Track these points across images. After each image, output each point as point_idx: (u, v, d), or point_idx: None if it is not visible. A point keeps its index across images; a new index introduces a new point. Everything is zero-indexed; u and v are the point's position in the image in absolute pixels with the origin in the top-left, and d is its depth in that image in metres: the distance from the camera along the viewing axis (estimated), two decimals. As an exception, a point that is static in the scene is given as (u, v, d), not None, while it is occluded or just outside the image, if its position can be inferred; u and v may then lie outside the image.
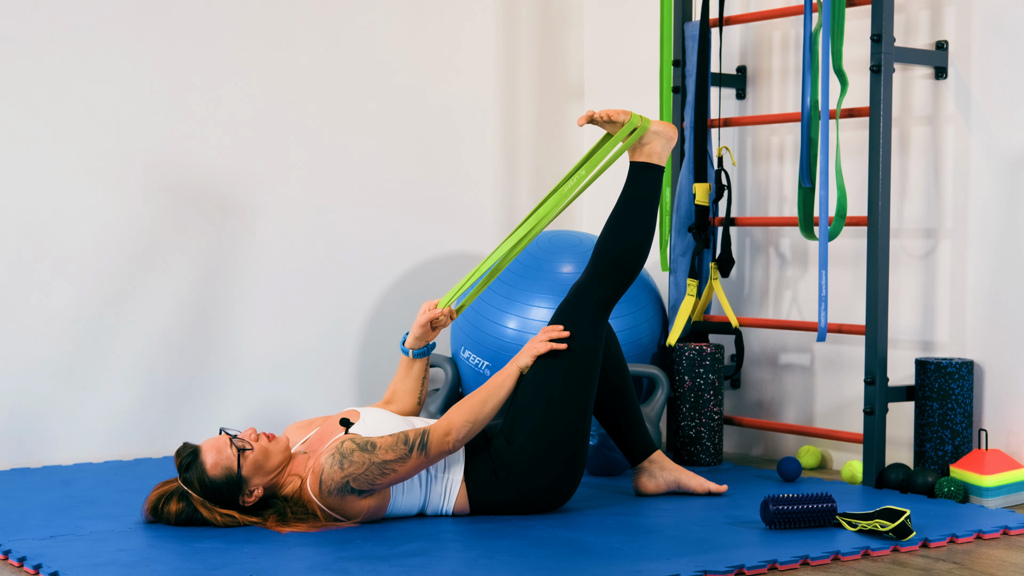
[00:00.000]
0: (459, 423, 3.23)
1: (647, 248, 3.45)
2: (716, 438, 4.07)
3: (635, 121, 3.44)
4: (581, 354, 3.35)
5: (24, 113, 3.97)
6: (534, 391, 3.32)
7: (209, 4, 4.23)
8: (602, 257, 3.42)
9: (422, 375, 3.51)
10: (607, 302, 3.40)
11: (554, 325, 3.38)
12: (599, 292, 3.40)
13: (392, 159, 4.58)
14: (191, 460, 3.16)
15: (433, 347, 3.51)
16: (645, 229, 3.44)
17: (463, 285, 3.47)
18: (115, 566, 2.84)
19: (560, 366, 3.33)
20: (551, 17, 4.88)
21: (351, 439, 3.16)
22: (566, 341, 3.34)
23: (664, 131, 3.48)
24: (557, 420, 3.31)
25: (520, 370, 3.34)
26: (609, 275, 3.41)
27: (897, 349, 3.94)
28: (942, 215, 3.88)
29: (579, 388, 3.34)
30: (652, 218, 3.45)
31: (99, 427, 4.08)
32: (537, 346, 3.34)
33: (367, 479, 3.14)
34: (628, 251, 3.42)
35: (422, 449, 3.17)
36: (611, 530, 3.20)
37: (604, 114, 3.45)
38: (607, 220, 3.46)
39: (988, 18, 3.75)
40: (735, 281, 4.39)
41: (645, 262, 3.48)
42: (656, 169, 3.47)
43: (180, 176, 4.21)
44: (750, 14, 4.19)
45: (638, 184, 3.46)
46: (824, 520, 3.19)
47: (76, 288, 4.04)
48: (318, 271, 4.44)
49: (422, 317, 3.44)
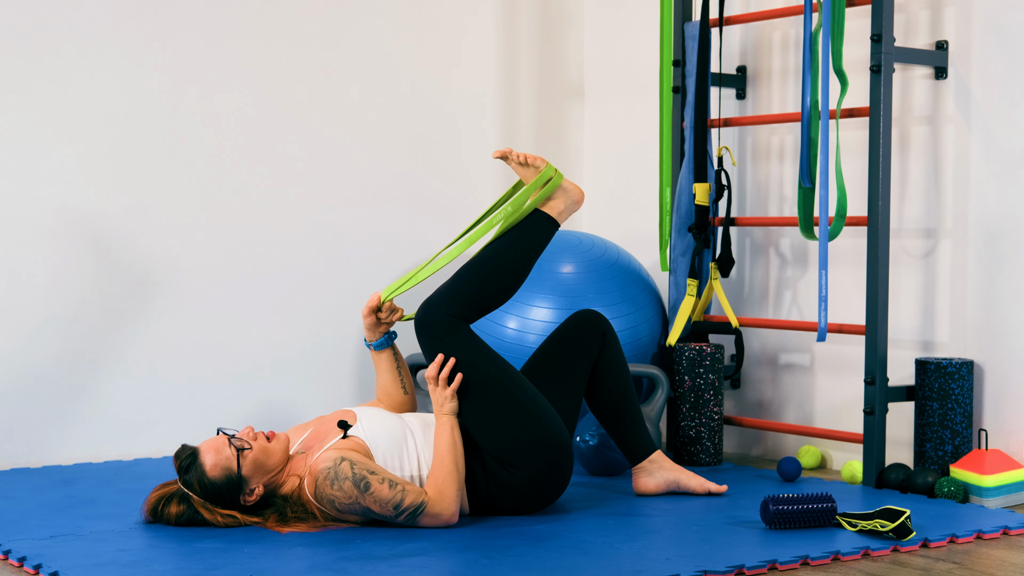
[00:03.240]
0: (451, 498, 3.19)
1: (509, 297, 3.41)
2: (716, 438, 4.07)
3: (549, 172, 3.42)
4: (474, 365, 3.31)
5: (22, 112, 3.97)
6: (477, 416, 3.30)
7: (209, 4, 4.24)
8: (465, 288, 3.36)
9: (393, 364, 3.49)
10: (458, 318, 3.34)
11: (433, 365, 3.31)
12: (443, 318, 3.33)
13: (392, 159, 4.58)
14: (190, 462, 3.16)
15: (394, 336, 3.48)
16: (515, 279, 3.40)
17: (405, 282, 3.41)
18: (115, 566, 2.84)
19: (474, 387, 3.30)
20: (551, 17, 4.88)
21: (351, 464, 3.13)
22: (452, 362, 3.30)
23: (572, 192, 3.45)
24: (512, 421, 3.28)
25: (454, 414, 3.30)
26: (464, 305, 3.36)
27: (897, 349, 3.94)
28: (942, 215, 3.88)
29: (501, 385, 3.31)
30: (528, 268, 3.40)
31: (99, 427, 4.08)
32: (444, 393, 3.30)
33: (349, 508, 3.14)
34: (494, 294, 3.38)
35: (410, 519, 3.16)
36: (611, 530, 3.20)
37: (522, 156, 3.42)
38: (486, 249, 3.40)
39: (988, 18, 3.75)
40: (735, 281, 4.39)
41: (502, 304, 3.45)
42: (552, 223, 3.44)
43: (180, 176, 4.21)
44: (750, 14, 4.19)
45: (529, 231, 3.42)
46: (824, 520, 3.19)
47: (77, 287, 4.03)
48: (318, 271, 4.44)
49: (364, 307, 3.43)
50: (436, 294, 3.37)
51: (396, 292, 3.42)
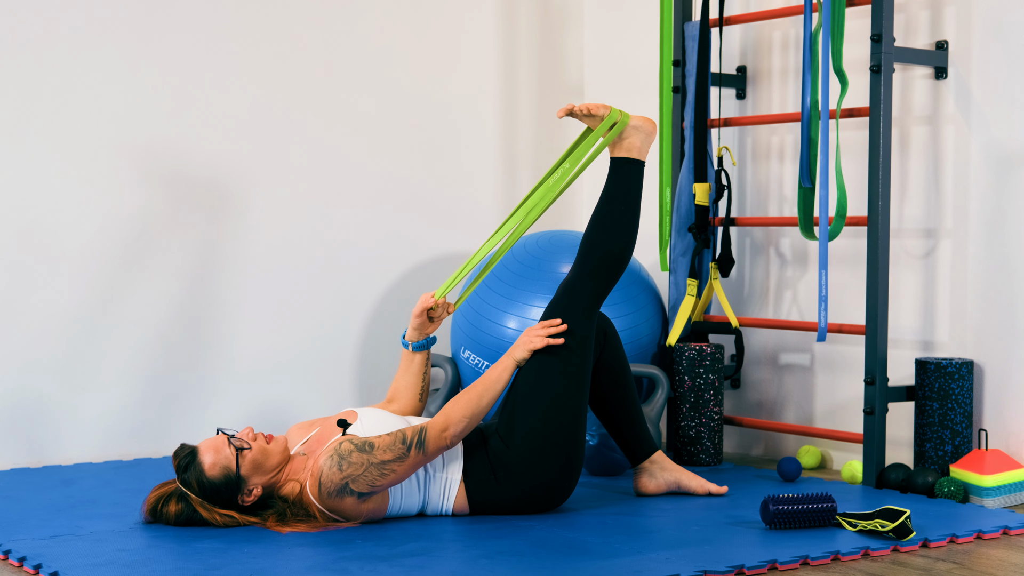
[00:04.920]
0: (456, 418, 3.23)
1: (633, 242, 3.45)
2: (716, 438, 4.07)
3: (614, 116, 3.44)
4: (576, 350, 3.35)
5: (22, 112, 3.97)
6: (530, 389, 3.32)
7: (210, 3, 4.23)
8: (590, 254, 3.42)
9: (423, 370, 3.51)
10: (597, 298, 3.40)
11: (549, 320, 3.37)
12: (589, 288, 3.40)
13: (392, 159, 4.58)
14: (189, 461, 3.16)
15: (434, 340, 3.51)
16: (629, 223, 3.44)
17: (456, 277, 3.47)
18: (115, 566, 2.84)
19: (556, 363, 3.33)
20: (551, 17, 4.88)
21: (349, 440, 3.16)
22: (562, 336, 3.34)
23: (643, 126, 3.47)
24: (554, 419, 3.31)
25: (516, 364, 3.34)
26: (597, 271, 3.41)
27: (897, 349, 3.94)
28: (942, 215, 3.88)
29: (575, 386, 3.33)
30: (635, 212, 3.45)
31: (99, 427, 4.08)
32: (534, 340, 3.34)
33: (366, 480, 3.14)
34: (614, 247, 3.42)
35: (420, 447, 3.17)
36: (611, 530, 3.20)
37: (584, 108, 3.44)
38: (592, 216, 3.46)
39: (988, 18, 3.75)
40: (735, 281, 4.39)
41: (631, 255, 3.48)
42: (636, 164, 3.46)
43: (180, 176, 4.21)
44: (750, 14, 4.19)
45: (619, 179, 3.46)
46: (824, 520, 3.19)
47: (76, 287, 4.03)
48: (318, 271, 4.44)
49: (418, 307, 3.45)
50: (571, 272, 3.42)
51: (449, 288, 3.45)
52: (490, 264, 3.55)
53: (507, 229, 3.47)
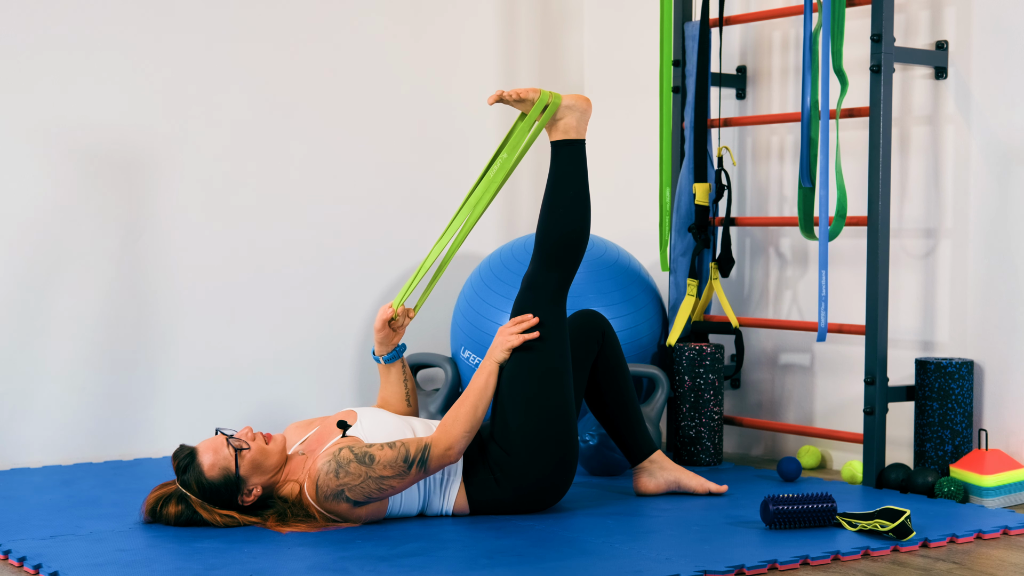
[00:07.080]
0: (457, 435, 3.22)
1: (587, 222, 3.40)
2: (716, 438, 4.07)
3: (545, 98, 3.40)
4: (550, 340, 3.34)
5: (21, 109, 3.97)
6: (514, 388, 3.31)
7: (210, 2, 4.23)
8: (545, 243, 3.38)
9: (402, 378, 3.50)
10: (561, 286, 3.38)
11: (521, 316, 3.37)
12: (551, 278, 3.37)
13: (392, 158, 4.58)
14: (188, 462, 3.16)
15: (404, 349, 3.50)
16: (580, 205, 3.39)
17: (411, 283, 3.45)
18: (115, 566, 2.84)
19: (534, 358, 3.32)
20: (551, 17, 4.88)
21: (349, 448, 3.14)
22: (536, 329, 3.34)
23: (576, 104, 3.42)
24: (543, 413, 3.30)
25: (498, 365, 3.34)
26: (557, 259, 3.38)
27: (897, 349, 3.94)
28: (942, 215, 3.88)
29: (557, 377, 3.33)
30: (584, 193, 3.40)
31: (100, 427, 4.08)
32: (510, 339, 3.33)
33: (363, 491, 3.14)
34: (569, 231, 3.38)
35: (422, 465, 3.17)
36: (611, 530, 3.20)
37: (513, 93, 3.40)
38: (542, 205, 3.42)
39: (988, 18, 3.75)
40: (735, 281, 4.39)
41: (589, 237, 3.43)
42: (575, 143, 3.42)
43: (181, 176, 4.21)
44: (750, 14, 4.19)
45: (561, 162, 3.42)
46: (824, 520, 3.19)
47: (84, 289, 4.04)
48: (318, 270, 4.44)
49: (378, 320, 3.43)
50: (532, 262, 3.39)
51: (406, 295, 3.43)
52: (443, 265, 3.51)
53: (455, 228, 3.45)
